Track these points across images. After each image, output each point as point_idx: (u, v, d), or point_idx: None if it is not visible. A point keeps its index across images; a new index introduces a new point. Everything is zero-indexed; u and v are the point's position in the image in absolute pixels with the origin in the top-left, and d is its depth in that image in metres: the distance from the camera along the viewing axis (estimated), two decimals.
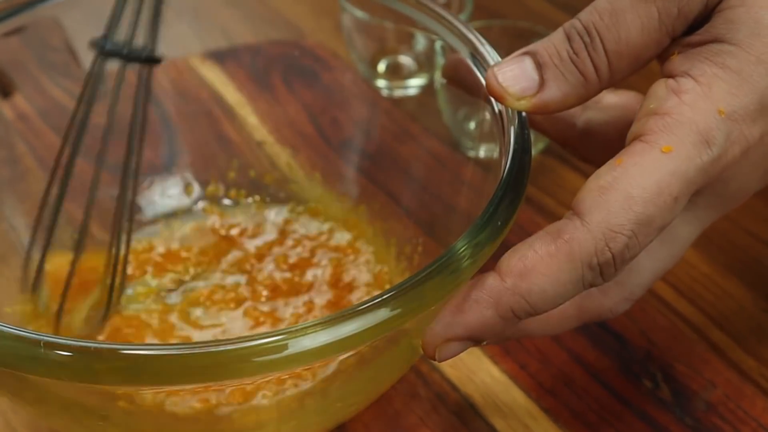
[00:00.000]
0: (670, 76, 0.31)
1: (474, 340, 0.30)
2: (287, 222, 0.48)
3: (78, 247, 0.40)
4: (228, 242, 0.47)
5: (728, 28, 0.31)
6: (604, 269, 0.29)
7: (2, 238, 0.42)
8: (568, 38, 0.32)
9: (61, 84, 0.48)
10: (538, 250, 0.29)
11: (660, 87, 0.31)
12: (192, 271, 0.46)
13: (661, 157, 0.29)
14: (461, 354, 0.31)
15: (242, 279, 0.45)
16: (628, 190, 0.29)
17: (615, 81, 0.32)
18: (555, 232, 0.29)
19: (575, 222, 0.29)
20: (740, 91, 0.30)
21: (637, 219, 0.29)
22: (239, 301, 0.44)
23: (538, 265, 0.29)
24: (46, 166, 0.46)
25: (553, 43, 0.32)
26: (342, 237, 0.47)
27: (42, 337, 0.26)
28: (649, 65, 0.33)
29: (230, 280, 0.45)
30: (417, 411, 0.41)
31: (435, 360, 0.31)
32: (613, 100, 0.37)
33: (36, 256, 0.41)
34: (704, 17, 0.31)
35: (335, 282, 0.45)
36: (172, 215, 0.48)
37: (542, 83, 0.32)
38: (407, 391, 0.41)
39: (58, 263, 0.43)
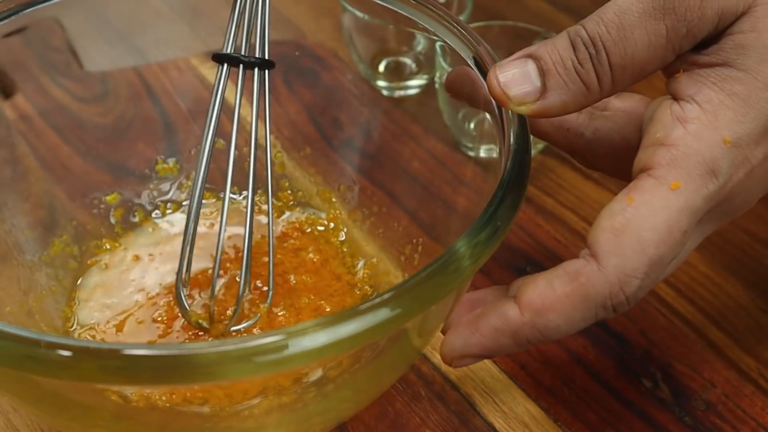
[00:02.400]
0: (675, 97, 0.32)
1: (488, 357, 0.33)
2: (285, 223, 0.48)
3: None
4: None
5: (738, 53, 0.31)
6: (617, 308, 0.31)
7: (3, 238, 0.42)
8: (574, 47, 0.32)
9: (62, 84, 0.48)
10: (557, 289, 0.30)
11: (665, 113, 0.31)
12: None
13: (670, 195, 0.30)
14: None
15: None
16: (641, 233, 0.30)
17: (616, 91, 0.33)
18: (573, 272, 0.30)
19: (592, 265, 0.30)
20: (746, 117, 0.31)
21: (650, 261, 0.30)
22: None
23: (555, 304, 0.30)
24: (48, 166, 0.46)
25: (557, 51, 0.32)
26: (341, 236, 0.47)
27: (42, 337, 0.26)
28: None
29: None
30: (417, 411, 0.41)
31: (451, 367, 0.34)
32: (618, 105, 0.37)
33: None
34: (713, 37, 0.32)
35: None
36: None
37: (544, 90, 0.32)
38: (408, 391, 0.42)
39: None
